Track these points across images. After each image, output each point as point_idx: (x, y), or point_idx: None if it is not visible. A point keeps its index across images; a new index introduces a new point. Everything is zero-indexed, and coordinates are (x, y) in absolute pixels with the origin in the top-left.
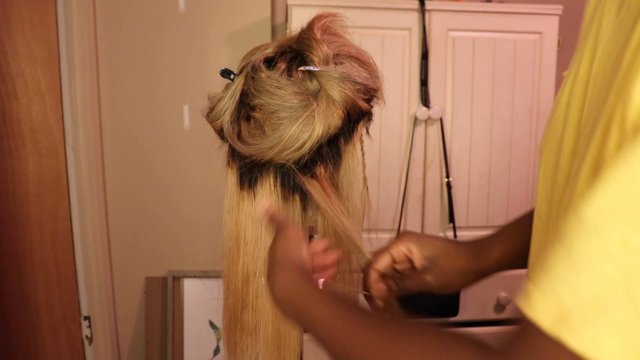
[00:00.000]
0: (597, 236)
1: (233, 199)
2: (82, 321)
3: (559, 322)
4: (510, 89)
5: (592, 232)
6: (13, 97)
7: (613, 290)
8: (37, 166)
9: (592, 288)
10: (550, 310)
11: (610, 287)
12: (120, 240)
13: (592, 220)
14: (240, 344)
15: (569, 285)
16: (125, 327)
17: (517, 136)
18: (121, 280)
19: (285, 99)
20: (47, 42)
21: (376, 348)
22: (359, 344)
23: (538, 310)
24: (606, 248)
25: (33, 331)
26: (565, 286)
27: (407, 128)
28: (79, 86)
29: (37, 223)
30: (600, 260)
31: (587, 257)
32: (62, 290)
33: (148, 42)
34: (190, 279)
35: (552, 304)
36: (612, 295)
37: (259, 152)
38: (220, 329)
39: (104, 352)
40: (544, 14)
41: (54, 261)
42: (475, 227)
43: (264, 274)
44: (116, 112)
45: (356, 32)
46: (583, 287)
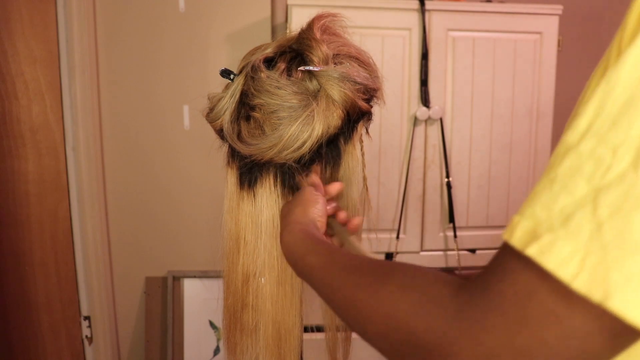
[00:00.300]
0: (572, 154)
1: (233, 199)
2: (82, 321)
3: (530, 238)
4: (510, 89)
5: (569, 152)
6: (13, 97)
7: (579, 202)
8: (37, 166)
9: (561, 202)
10: (526, 230)
11: (576, 199)
12: (120, 240)
13: (572, 142)
14: (240, 344)
15: (545, 205)
16: (125, 327)
17: (517, 136)
18: (121, 280)
19: (285, 98)
20: (47, 42)
21: (360, 288)
22: (346, 286)
23: (514, 232)
24: (578, 162)
25: (33, 331)
26: (542, 206)
27: (407, 128)
28: (79, 86)
29: (37, 223)
30: (571, 175)
31: (561, 175)
32: (62, 290)
33: (148, 42)
34: (190, 279)
35: (527, 225)
36: (577, 206)
37: (259, 151)
38: (220, 329)
39: (104, 352)
40: (544, 14)
41: (54, 261)
42: (475, 227)
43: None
44: (116, 112)
45: (356, 32)
46: (554, 202)
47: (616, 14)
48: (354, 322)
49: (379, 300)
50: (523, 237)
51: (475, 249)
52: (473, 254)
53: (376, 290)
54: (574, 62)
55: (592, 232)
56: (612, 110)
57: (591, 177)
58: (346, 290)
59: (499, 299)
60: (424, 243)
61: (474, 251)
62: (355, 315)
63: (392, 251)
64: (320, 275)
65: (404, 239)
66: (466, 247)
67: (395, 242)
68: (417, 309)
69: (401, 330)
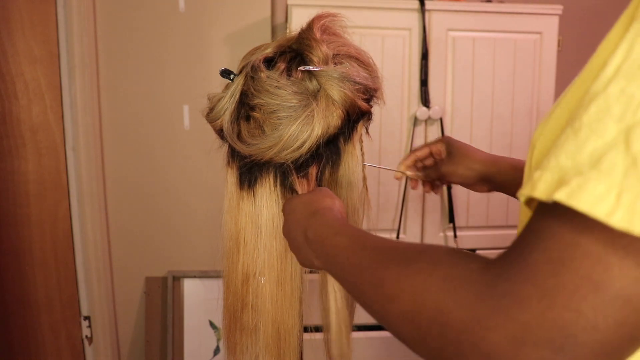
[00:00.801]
0: (598, 99)
1: (233, 199)
2: (82, 321)
3: (556, 185)
4: (510, 89)
5: (595, 98)
6: (13, 97)
7: (610, 143)
8: (37, 166)
9: (589, 147)
10: (551, 180)
11: (607, 141)
12: (121, 240)
13: (597, 89)
14: (240, 343)
15: (571, 153)
16: (125, 327)
17: (517, 136)
18: (121, 280)
19: (284, 98)
20: (47, 42)
21: (387, 267)
22: (373, 265)
23: (537, 186)
24: (606, 105)
25: (33, 331)
26: (567, 155)
27: (407, 128)
28: (79, 86)
29: (37, 223)
30: (599, 119)
31: (589, 121)
32: (62, 290)
33: (148, 42)
34: (190, 279)
35: (552, 175)
36: (608, 147)
37: (259, 151)
38: (220, 329)
39: (104, 352)
40: (544, 14)
41: (54, 261)
42: (475, 227)
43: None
44: (116, 112)
45: (356, 32)
46: (581, 149)
47: (616, 14)
48: (379, 303)
49: (407, 278)
50: (548, 187)
51: (475, 249)
52: None
53: (404, 268)
54: (574, 62)
55: (626, 168)
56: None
57: (622, 117)
58: (373, 269)
59: (530, 268)
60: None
61: (474, 251)
62: (381, 296)
63: None
64: (347, 255)
65: (404, 239)
66: (466, 247)
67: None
68: (446, 284)
69: (429, 308)
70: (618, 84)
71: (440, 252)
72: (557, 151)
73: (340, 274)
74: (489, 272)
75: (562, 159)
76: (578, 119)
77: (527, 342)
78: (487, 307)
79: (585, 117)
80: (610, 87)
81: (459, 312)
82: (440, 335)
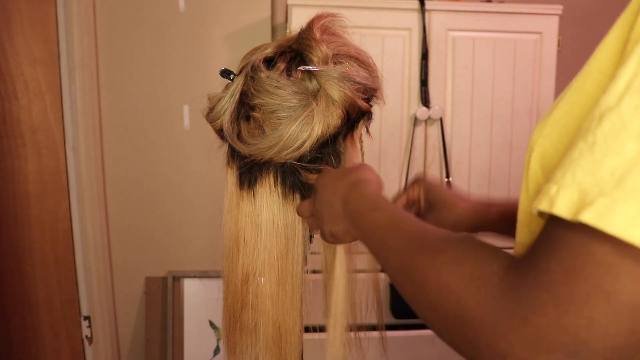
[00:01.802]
0: (612, 114)
1: (233, 199)
2: (82, 321)
3: (579, 205)
4: (510, 89)
5: (607, 113)
6: (13, 97)
7: (631, 161)
8: (37, 166)
9: (608, 164)
10: (571, 198)
11: (628, 159)
12: (121, 240)
13: (609, 104)
14: (240, 343)
15: (589, 170)
16: (125, 327)
17: (517, 136)
18: (121, 280)
19: (284, 98)
20: (47, 42)
21: (418, 256)
22: (406, 251)
23: (556, 202)
24: (621, 122)
25: (33, 331)
26: (585, 172)
27: (407, 128)
28: (79, 86)
29: (37, 223)
30: (616, 136)
31: (604, 137)
32: (62, 290)
33: (148, 42)
34: (190, 279)
35: (571, 193)
36: (630, 165)
37: (259, 151)
38: (220, 329)
39: (104, 352)
40: (544, 14)
41: (54, 261)
42: None
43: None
44: (116, 112)
45: (356, 32)
46: (600, 166)
47: (616, 13)
48: (408, 289)
49: (434, 270)
50: (571, 205)
51: None
52: None
53: (432, 260)
54: (574, 62)
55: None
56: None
57: (638, 131)
58: (405, 255)
59: (545, 276)
60: None
61: None
62: (411, 282)
63: None
64: (382, 234)
65: None
66: None
67: None
68: (469, 283)
69: (452, 303)
70: (632, 100)
71: (467, 246)
72: (573, 167)
73: (376, 251)
74: (509, 276)
75: (580, 175)
76: (591, 133)
77: (541, 347)
78: (505, 311)
79: (599, 132)
80: (623, 102)
81: (479, 311)
82: (459, 330)
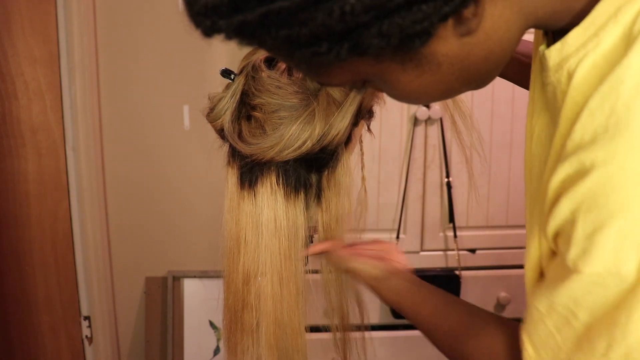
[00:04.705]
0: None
1: (233, 199)
2: (82, 321)
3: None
4: (510, 88)
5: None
6: (13, 97)
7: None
8: (37, 166)
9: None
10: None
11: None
12: (121, 240)
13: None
14: (241, 344)
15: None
16: (125, 327)
17: (517, 136)
18: (121, 280)
19: (285, 98)
20: (47, 42)
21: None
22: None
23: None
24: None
25: (33, 331)
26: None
27: (407, 128)
28: (79, 86)
29: (37, 223)
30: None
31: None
32: (62, 290)
33: (148, 42)
34: (190, 279)
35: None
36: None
37: (260, 151)
38: (220, 329)
39: (104, 352)
40: None
41: (54, 261)
42: (475, 227)
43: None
44: (116, 112)
45: None
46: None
47: None
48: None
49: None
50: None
51: (475, 249)
52: (473, 254)
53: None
54: None
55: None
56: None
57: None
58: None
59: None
60: (424, 243)
61: (474, 251)
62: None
63: None
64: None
65: (404, 239)
66: (466, 247)
67: (395, 242)
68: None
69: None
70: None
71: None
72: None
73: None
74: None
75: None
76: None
77: None
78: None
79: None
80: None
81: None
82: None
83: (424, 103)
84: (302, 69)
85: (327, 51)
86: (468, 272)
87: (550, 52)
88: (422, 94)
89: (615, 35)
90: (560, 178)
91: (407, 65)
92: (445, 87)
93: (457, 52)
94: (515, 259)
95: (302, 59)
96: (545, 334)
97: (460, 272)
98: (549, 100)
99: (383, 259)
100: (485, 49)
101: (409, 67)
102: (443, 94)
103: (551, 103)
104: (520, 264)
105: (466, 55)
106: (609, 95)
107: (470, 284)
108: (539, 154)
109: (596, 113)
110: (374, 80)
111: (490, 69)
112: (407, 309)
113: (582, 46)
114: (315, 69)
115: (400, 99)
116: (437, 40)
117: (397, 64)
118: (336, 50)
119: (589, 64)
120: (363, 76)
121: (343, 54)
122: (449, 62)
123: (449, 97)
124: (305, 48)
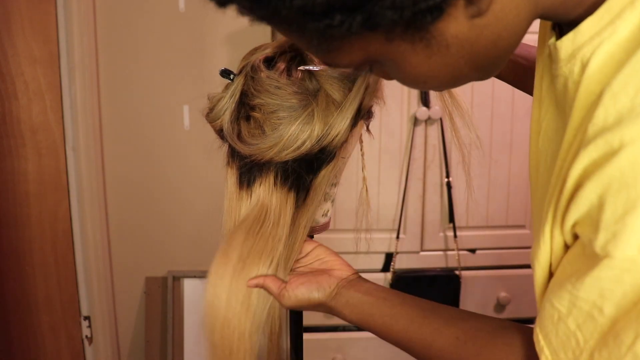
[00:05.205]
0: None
1: (233, 199)
2: (82, 321)
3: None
4: (511, 88)
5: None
6: (13, 97)
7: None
8: (37, 166)
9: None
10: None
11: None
12: (120, 240)
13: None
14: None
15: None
16: (125, 327)
17: (517, 136)
18: (121, 280)
19: (284, 98)
20: (47, 42)
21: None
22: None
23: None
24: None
25: (33, 331)
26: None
27: (407, 128)
28: (79, 86)
29: (37, 223)
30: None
31: None
32: (62, 290)
33: (148, 42)
34: (190, 279)
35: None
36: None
37: (259, 151)
38: None
39: (104, 352)
40: None
41: (54, 261)
42: (475, 227)
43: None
44: (116, 112)
45: None
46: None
47: None
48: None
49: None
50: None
51: (475, 249)
52: (473, 254)
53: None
54: None
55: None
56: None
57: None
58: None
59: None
60: (424, 243)
61: (474, 251)
62: None
63: (392, 251)
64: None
65: (404, 239)
66: (466, 247)
67: (395, 242)
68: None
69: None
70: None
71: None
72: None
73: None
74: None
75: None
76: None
77: None
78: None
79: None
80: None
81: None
82: None
83: (432, 88)
84: (312, 45)
85: (339, 24)
86: (468, 272)
87: (562, 43)
88: (430, 78)
89: (633, 23)
90: (584, 164)
91: (417, 45)
92: (453, 71)
93: (466, 34)
94: (515, 259)
95: (314, 33)
96: (566, 335)
97: (460, 272)
98: (559, 93)
99: (323, 273)
100: (494, 33)
101: (419, 48)
102: (451, 79)
103: (561, 96)
104: (520, 264)
105: (475, 38)
106: (632, 77)
107: (470, 284)
108: (547, 149)
109: (619, 95)
110: (383, 62)
111: (499, 54)
112: (374, 323)
113: (596, 34)
114: (326, 45)
115: (408, 83)
116: (448, 19)
117: (407, 43)
118: (348, 22)
119: (605, 52)
120: (372, 56)
121: (355, 27)
122: (459, 44)
123: (457, 84)
124: (319, 20)
